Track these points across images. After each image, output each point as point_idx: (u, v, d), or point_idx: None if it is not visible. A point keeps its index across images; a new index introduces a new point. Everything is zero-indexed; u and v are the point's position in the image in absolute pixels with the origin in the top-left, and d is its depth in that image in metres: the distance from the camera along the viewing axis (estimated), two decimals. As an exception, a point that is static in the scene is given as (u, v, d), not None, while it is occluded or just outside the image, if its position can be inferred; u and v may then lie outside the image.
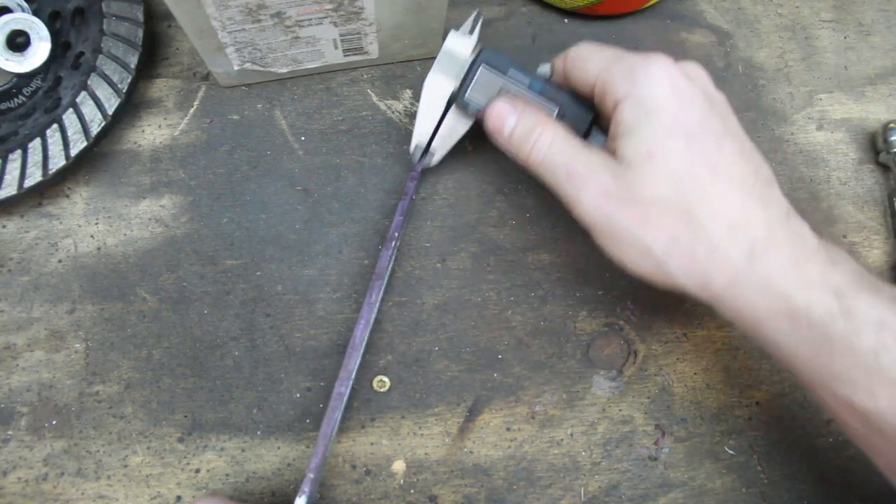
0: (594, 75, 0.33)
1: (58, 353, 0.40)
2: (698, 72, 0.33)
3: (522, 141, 0.34)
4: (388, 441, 0.39)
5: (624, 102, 0.32)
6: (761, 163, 0.32)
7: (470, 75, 0.37)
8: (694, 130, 0.31)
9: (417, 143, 0.39)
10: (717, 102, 0.33)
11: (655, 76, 0.31)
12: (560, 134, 0.34)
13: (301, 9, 0.37)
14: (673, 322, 0.42)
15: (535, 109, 0.35)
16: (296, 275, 0.42)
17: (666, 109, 0.31)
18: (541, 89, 0.37)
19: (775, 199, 0.31)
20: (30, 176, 0.39)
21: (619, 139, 0.32)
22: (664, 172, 0.30)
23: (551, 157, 0.33)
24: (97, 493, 0.38)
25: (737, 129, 0.33)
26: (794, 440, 0.41)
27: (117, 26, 0.41)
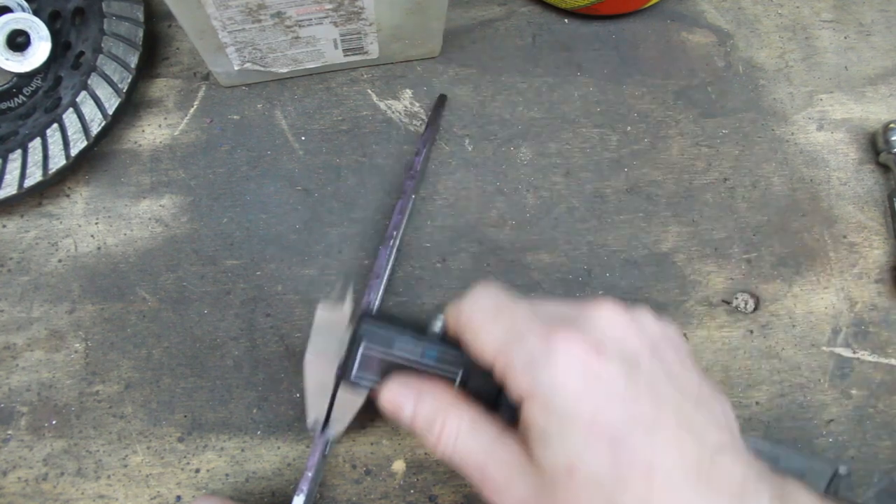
0: (491, 357, 0.28)
1: (58, 352, 0.40)
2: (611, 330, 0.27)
3: (426, 431, 0.30)
4: (388, 441, 0.39)
5: (529, 402, 0.26)
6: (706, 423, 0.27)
7: (352, 352, 0.31)
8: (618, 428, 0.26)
9: (314, 420, 0.35)
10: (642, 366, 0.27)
11: (561, 365, 0.26)
12: (466, 422, 0.29)
13: (301, 9, 0.37)
14: (673, 322, 0.42)
15: (433, 391, 0.30)
16: (296, 275, 0.42)
17: (579, 409, 0.26)
18: (436, 357, 0.31)
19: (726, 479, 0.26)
20: (30, 176, 0.39)
21: (532, 444, 0.27)
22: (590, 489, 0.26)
23: (461, 452, 0.29)
24: (97, 492, 0.38)
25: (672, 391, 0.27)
26: (794, 440, 0.41)
27: (117, 26, 0.41)
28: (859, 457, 0.41)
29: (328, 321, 0.34)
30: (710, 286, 0.43)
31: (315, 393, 0.34)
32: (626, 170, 0.45)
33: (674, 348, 0.29)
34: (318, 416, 0.35)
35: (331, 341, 0.33)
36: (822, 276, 0.43)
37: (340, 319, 0.34)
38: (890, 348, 0.42)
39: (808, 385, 0.42)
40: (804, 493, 0.27)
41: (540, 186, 0.44)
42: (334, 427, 0.35)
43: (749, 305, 0.43)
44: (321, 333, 0.34)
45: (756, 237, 0.44)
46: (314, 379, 0.34)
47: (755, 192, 0.45)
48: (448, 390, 0.30)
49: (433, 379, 0.31)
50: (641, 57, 0.47)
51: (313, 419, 0.35)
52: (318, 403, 0.34)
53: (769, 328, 0.42)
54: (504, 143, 0.44)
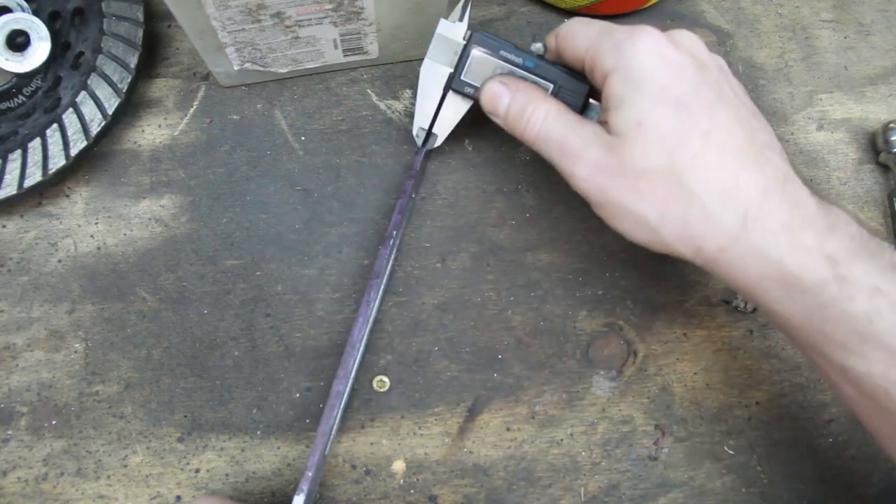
0: (584, 50, 0.33)
1: (57, 352, 0.40)
2: (688, 39, 0.32)
3: (517, 119, 0.35)
4: (388, 441, 0.39)
5: (612, 76, 0.31)
6: (759, 128, 0.32)
7: (463, 59, 0.37)
8: (683, 98, 0.30)
9: (420, 126, 0.40)
10: (710, 69, 0.32)
11: (641, 47, 0.31)
12: (553, 109, 0.34)
13: (301, 9, 0.37)
14: (673, 322, 0.42)
15: (528, 87, 0.36)
16: (296, 275, 0.42)
17: (653, 79, 0.31)
18: (534, 67, 0.37)
19: (773, 164, 0.31)
20: (30, 176, 0.39)
21: (610, 112, 0.32)
22: (654, 142, 0.30)
23: (545, 132, 0.34)
24: (97, 493, 0.38)
25: (732, 94, 0.32)
26: (794, 440, 0.41)
27: (117, 26, 0.41)
28: (859, 457, 0.41)
29: (446, 33, 0.38)
30: (710, 286, 0.43)
31: (424, 101, 0.39)
32: (626, 170, 0.45)
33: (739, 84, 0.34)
34: (423, 123, 0.40)
35: (447, 50, 0.38)
36: (821, 276, 0.43)
37: (457, 32, 0.38)
38: (890, 348, 0.42)
39: (808, 385, 0.42)
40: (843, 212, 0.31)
41: (540, 186, 0.44)
42: (436, 138, 0.40)
43: (749, 305, 0.43)
44: (439, 44, 0.38)
45: (756, 237, 0.44)
46: (426, 86, 0.39)
47: (755, 191, 0.45)
48: (541, 89, 0.36)
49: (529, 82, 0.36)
50: (641, 57, 0.47)
51: (417, 128, 0.40)
52: (425, 110, 0.39)
53: (769, 328, 0.42)
54: (504, 142, 0.44)
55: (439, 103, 0.39)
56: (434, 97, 0.39)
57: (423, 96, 0.39)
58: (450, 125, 0.40)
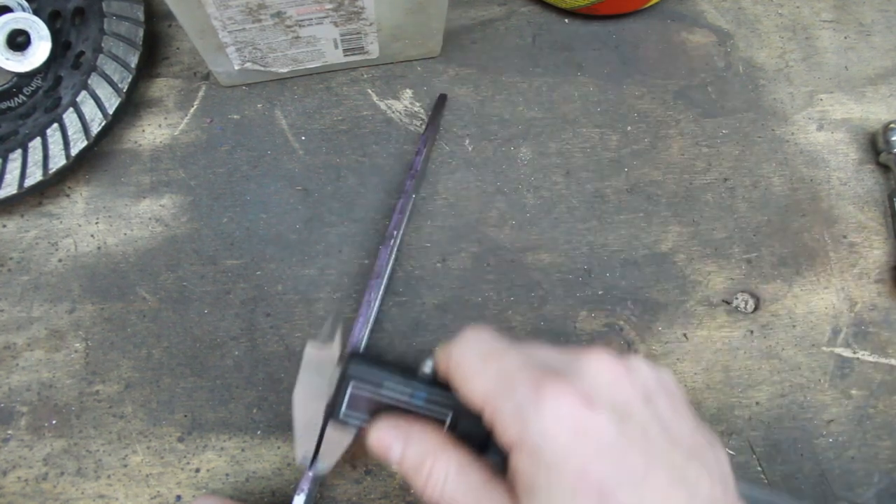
0: (481, 402, 0.28)
1: (58, 352, 0.40)
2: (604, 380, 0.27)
3: (414, 473, 0.29)
4: (388, 441, 0.39)
5: (517, 451, 0.26)
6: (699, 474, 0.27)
7: (340, 391, 0.31)
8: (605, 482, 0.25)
9: (303, 455, 0.34)
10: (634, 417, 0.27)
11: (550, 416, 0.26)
12: (454, 467, 0.29)
13: (301, 9, 0.37)
14: (673, 322, 0.42)
15: (422, 434, 0.30)
16: (296, 274, 0.42)
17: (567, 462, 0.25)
18: (425, 399, 0.31)
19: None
20: (30, 175, 0.39)
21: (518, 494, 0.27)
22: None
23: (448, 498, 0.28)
24: (97, 492, 0.38)
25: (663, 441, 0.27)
26: (794, 440, 0.41)
27: (118, 26, 0.41)
28: (859, 457, 0.41)
29: (317, 360, 0.33)
30: (710, 286, 0.43)
31: (304, 429, 0.34)
32: (627, 170, 0.45)
33: (668, 396, 0.29)
34: (307, 452, 0.34)
35: (319, 380, 0.33)
36: (822, 276, 0.43)
37: (329, 358, 0.33)
38: (890, 348, 0.42)
39: (808, 385, 0.42)
40: None
41: (540, 186, 0.44)
42: (323, 463, 0.34)
43: (749, 305, 0.43)
44: (310, 372, 0.33)
45: (756, 237, 0.44)
46: (303, 416, 0.34)
47: (755, 192, 0.45)
48: (437, 433, 0.30)
49: (422, 420, 0.31)
50: (641, 57, 0.47)
51: (302, 454, 0.34)
52: (306, 440, 0.34)
53: (769, 328, 0.42)
54: (504, 142, 0.44)
55: (320, 435, 0.34)
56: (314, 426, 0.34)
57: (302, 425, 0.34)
58: (338, 451, 0.35)
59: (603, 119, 0.46)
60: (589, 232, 0.43)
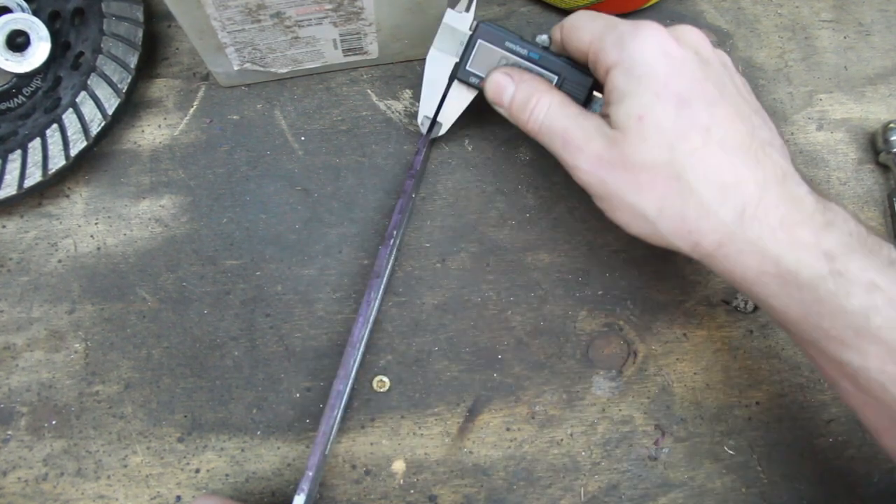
0: (587, 44, 0.34)
1: (57, 353, 0.40)
2: (692, 35, 0.33)
3: (521, 110, 0.35)
4: (388, 441, 0.39)
5: (615, 69, 0.32)
6: (761, 125, 0.32)
7: (469, 49, 0.38)
8: (684, 94, 0.31)
9: (425, 114, 0.40)
10: (713, 65, 0.32)
11: (644, 42, 0.31)
12: (556, 101, 0.34)
13: (301, 9, 0.37)
14: (673, 322, 0.42)
15: (532, 78, 0.36)
16: (296, 275, 0.42)
17: (655, 74, 0.31)
18: (539, 59, 0.37)
19: (772, 161, 0.31)
20: (30, 176, 0.39)
21: (612, 106, 0.32)
22: (654, 136, 0.31)
23: (548, 124, 0.34)
24: (97, 493, 0.38)
25: (734, 90, 0.32)
26: (794, 440, 0.41)
27: (117, 26, 0.41)
28: (859, 457, 0.41)
29: (453, 23, 0.38)
30: (710, 286, 0.43)
31: (430, 88, 0.39)
32: (626, 170, 0.45)
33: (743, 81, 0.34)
34: (428, 112, 0.40)
35: (453, 40, 0.38)
36: (821, 276, 0.43)
37: (464, 22, 0.38)
38: (890, 348, 0.42)
39: (808, 385, 0.42)
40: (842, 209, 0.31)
41: (540, 186, 0.44)
42: (442, 123, 0.40)
43: (749, 305, 0.43)
44: (445, 34, 0.38)
45: (756, 237, 0.44)
46: (431, 75, 0.39)
47: (755, 191, 0.45)
48: (545, 81, 0.36)
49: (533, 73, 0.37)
50: (641, 57, 0.47)
51: (422, 117, 0.40)
52: (430, 99, 0.40)
53: (769, 328, 0.42)
54: (504, 142, 0.44)
55: (444, 92, 0.39)
56: (439, 86, 0.39)
57: (429, 85, 0.39)
58: (454, 114, 0.40)
59: (603, 119, 0.46)
60: (589, 232, 0.43)
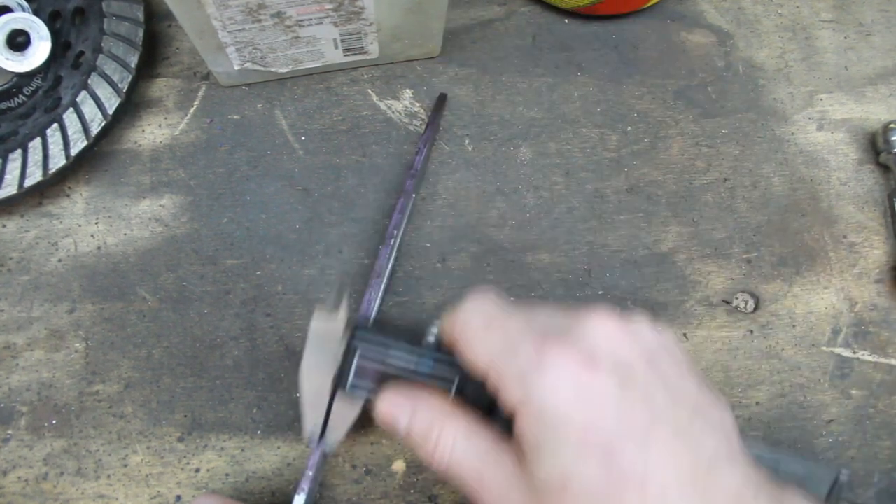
0: (484, 368, 0.28)
1: (58, 352, 0.40)
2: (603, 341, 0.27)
3: (422, 441, 0.30)
4: (388, 441, 0.39)
5: (522, 412, 0.27)
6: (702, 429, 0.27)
7: (347, 362, 0.32)
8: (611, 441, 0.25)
9: (311, 430, 0.35)
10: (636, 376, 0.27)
11: (553, 382, 0.26)
12: (462, 433, 0.29)
13: (301, 9, 0.37)
14: (673, 322, 0.42)
15: (429, 401, 0.30)
16: (296, 274, 0.42)
17: (571, 422, 0.26)
18: (431, 367, 0.31)
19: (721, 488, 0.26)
20: (30, 175, 0.39)
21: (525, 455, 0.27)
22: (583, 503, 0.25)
23: (456, 463, 0.29)
24: (97, 492, 0.38)
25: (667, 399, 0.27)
26: (794, 440, 0.41)
27: (117, 26, 0.41)
28: (859, 457, 0.41)
29: (323, 331, 0.33)
30: (710, 286, 0.43)
31: (312, 403, 0.34)
32: (626, 170, 0.45)
33: (670, 356, 0.29)
34: (315, 426, 0.35)
35: (326, 351, 0.33)
36: (822, 276, 0.43)
37: (335, 329, 0.33)
38: (890, 348, 0.42)
39: (808, 385, 0.42)
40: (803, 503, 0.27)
41: (540, 186, 0.44)
42: (331, 436, 0.35)
43: (749, 305, 0.43)
44: (316, 343, 0.33)
45: (756, 237, 0.44)
46: (310, 389, 0.34)
47: (755, 192, 0.45)
48: (443, 400, 0.31)
49: (429, 389, 0.31)
50: (641, 57, 0.47)
51: (310, 429, 0.34)
52: (314, 413, 0.34)
53: (769, 328, 0.42)
54: (504, 143, 0.44)
55: (328, 408, 0.34)
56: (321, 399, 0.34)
57: (310, 398, 0.34)
58: (345, 426, 0.35)
59: (603, 119, 0.46)
60: (589, 232, 0.43)
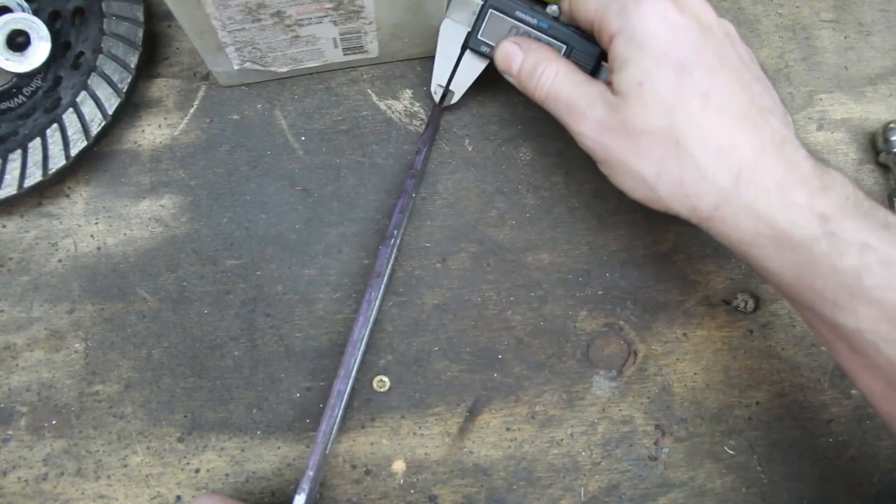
0: (593, 12, 0.34)
1: (58, 352, 0.40)
2: (694, 3, 0.33)
3: (529, 77, 0.36)
4: (388, 441, 0.39)
5: (617, 37, 0.33)
6: (761, 92, 0.33)
7: (480, 19, 0.39)
8: (684, 61, 0.31)
9: (437, 83, 0.41)
10: (715, 33, 0.33)
11: (646, 11, 0.32)
12: (563, 69, 0.36)
13: (301, 8, 0.37)
14: (673, 322, 0.42)
15: (540, 47, 0.37)
16: (296, 275, 0.42)
17: (656, 41, 0.32)
18: (548, 28, 0.38)
19: (770, 126, 0.32)
20: (30, 176, 0.39)
21: (614, 73, 0.33)
22: (654, 102, 0.32)
23: (554, 91, 0.35)
24: (97, 492, 0.38)
25: (736, 58, 0.33)
26: (794, 440, 0.41)
27: (117, 26, 0.41)
28: (859, 457, 0.41)
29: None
30: (711, 286, 0.43)
31: (443, 56, 0.41)
32: (626, 170, 0.45)
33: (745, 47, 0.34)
34: (441, 80, 0.41)
35: (465, 9, 0.40)
36: (822, 276, 0.43)
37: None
38: (890, 348, 0.42)
39: (808, 385, 0.42)
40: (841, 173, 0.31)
41: (540, 186, 0.44)
42: (453, 95, 0.41)
43: (749, 305, 0.43)
44: (458, 3, 0.39)
45: (756, 237, 0.44)
46: (444, 44, 0.41)
47: (755, 191, 0.45)
48: (553, 50, 0.37)
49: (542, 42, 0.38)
50: (641, 57, 0.47)
51: (435, 85, 0.41)
52: (443, 68, 0.41)
53: (769, 328, 0.42)
54: (504, 142, 0.44)
55: (457, 61, 0.41)
56: (452, 55, 0.41)
57: (442, 54, 0.41)
58: (466, 83, 0.41)
59: (603, 119, 0.45)
60: (589, 232, 0.43)
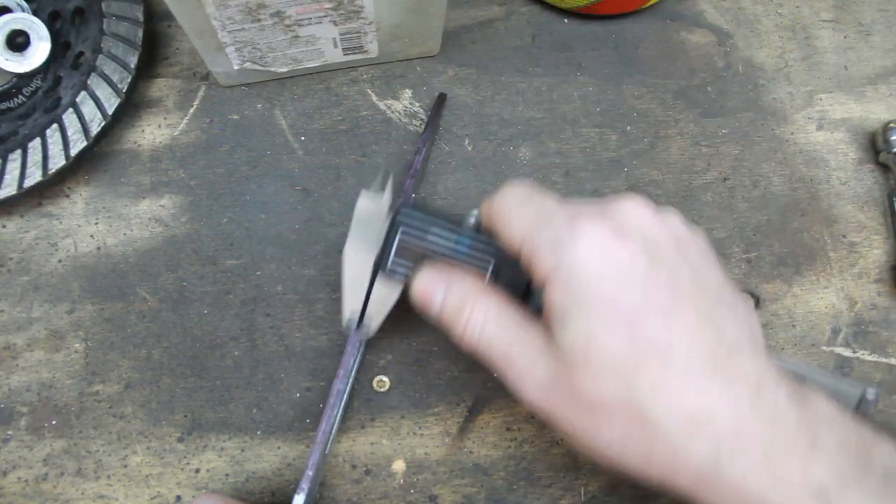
0: (519, 241, 0.29)
1: (58, 352, 0.40)
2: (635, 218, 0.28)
3: (454, 318, 0.31)
4: (388, 441, 0.39)
5: (553, 282, 0.27)
6: (725, 316, 0.27)
7: (389, 242, 0.32)
8: (635, 311, 0.26)
9: (350, 314, 0.35)
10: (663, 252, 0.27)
11: (583, 249, 0.26)
12: (493, 310, 0.30)
13: (301, 8, 0.37)
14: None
15: (464, 278, 0.31)
16: (296, 274, 0.42)
17: (599, 289, 0.26)
18: (469, 247, 0.32)
19: (743, 371, 0.26)
20: (30, 176, 0.39)
21: (552, 325, 0.27)
22: (606, 369, 0.26)
23: (486, 340, 0.30)
24: (97, 492, 0.38)
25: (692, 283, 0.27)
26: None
27: (117, 26, 0.41)
28: (859, 456, 0.41)
29: (368, 211, 0.34)
30: (710, 286, 0.43)
31: (352, 287, 0.35)
32: (626, 169, 0.45)
33: (697, 248, 0.29)
34: (354, 312, 0.35)
35: (369, 232, 0.34)
36: (821, 276, 0.43)
37: (379, 209, 0.34)
38: (890, 348, 0.42)
39: (808, 385, 0.42)
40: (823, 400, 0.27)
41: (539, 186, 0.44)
42: (370, 324, 0.35)
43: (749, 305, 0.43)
44: (360, 224, 0.34)
45: (756, 237, 0.44)
46: (352, 272, 0.35)
47: (755, 191, 0.45)
48: (478, 280, 0.31)
49: (465, 269, 0.32)
50: (641, 57, 0.47)
51: (349, 315, 0.35)
52: (354, 298, 0.35)
53: (769, 328, 0.42)
54: (504, 142, 0.44)
55: (368, 289, 0.35)
56: (362, 283, 0.35)
57: (351, 282, 0.35)
58: (384, 311, 0.35)
59: (602, 119, 0.46)
60: (589, 232, 0.43)
